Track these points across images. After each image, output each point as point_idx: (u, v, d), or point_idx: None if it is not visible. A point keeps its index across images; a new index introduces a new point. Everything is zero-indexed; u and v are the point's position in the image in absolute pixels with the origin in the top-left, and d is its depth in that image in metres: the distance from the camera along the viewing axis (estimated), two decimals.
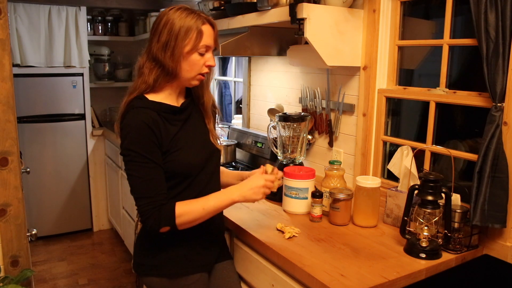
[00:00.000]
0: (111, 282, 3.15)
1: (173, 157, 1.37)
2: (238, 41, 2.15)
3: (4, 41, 1.80)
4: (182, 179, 1.40)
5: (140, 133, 1.31)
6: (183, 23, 1.33)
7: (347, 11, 1.87)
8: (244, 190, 1.41)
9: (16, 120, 1.89)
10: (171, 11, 1.36)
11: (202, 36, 1.35)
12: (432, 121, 1.74)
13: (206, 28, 1.36)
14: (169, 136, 1.37)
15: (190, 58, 1.36)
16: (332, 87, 2.16)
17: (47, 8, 3.50)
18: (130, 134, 1.32)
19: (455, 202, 1.50)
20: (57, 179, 3.81)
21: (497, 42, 1.37)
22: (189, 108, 1.48)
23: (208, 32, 1.37)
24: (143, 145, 1.31)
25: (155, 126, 1.33)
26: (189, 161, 1.40)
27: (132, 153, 1.31)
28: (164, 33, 1.34)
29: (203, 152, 1.46)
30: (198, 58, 1.37)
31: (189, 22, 1.33)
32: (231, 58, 3.40)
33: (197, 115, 1.51)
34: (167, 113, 1.39)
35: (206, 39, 1.36)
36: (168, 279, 1.46)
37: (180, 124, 1.42)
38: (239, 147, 2.75)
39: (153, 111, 1.35)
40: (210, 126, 1.53)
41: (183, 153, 1.39)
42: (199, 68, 1.39)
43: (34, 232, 2.11)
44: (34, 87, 3.59)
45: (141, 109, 1.34)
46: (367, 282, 1.23)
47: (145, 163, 1.31)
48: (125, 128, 1.33)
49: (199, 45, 1.35)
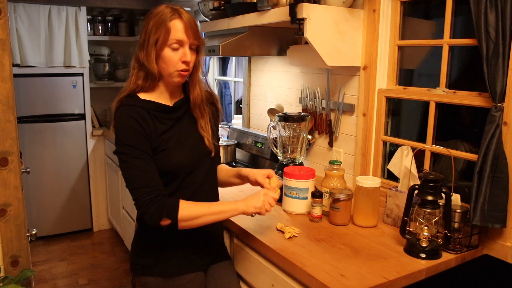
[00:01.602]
0: (111, 282, 3.15)
1: (161, 155, 1.37)
2: (238, 41, 2.15)
3: (4, 41, 1.80)
4: (170, 178, 1.39)
5: (129, 127, 1.32)
6: (154, 21, 1.34)
7: (347, 11, 1.87)
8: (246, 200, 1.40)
9: (16, 120, 1.89)
10: (153, 9, 1.37)
11: (170, 30, 1.33)
12: (432, 121, 1.74)
13: (175, 22, 1.34)
14: (157, 133, 1.37)
15: (162, 55, 1.35)
16: (332, 87, 2.16)
17: (47, 8, 3.50)
18: (120, 129, 1.34)
19: (455, 202, 1.50)
20: (57, 179, 3.81)
21: (497, 42, 1.37)
22: (183, 107, 1.46)
23: (178, 26, 1.34)
24: (133, 137, 1.32)
25: (143, 121, 1.34)
26: (178, 161, 1.39)
27: (125, 148, 1.32)
28: (142, 34, 1.37)
29: (194, 153, 1.44)
30: (172, 54, 1.35)
31: (160, 18, 1.33)
32: (231, 58, 3.40)
33: (192, 115, 1.48)
34: (158, 111, 1.39)
35: (176, 33, 1.34)
36: (162, 278, 1.46)
37: (170, 123, 1.41)
38: (239, 147, 2.75)
39: (142, 109, 1.36)
40: (204, 125, 1.48)
41: (171, 153, 1.38)
42: (174, 64, 1.36)
43: (34, 232, 2.10)
44: (34, 87, 3.59)
45: (129, 107, 1.36)
46: (367, 282, 1.23)
47: (139, 155, 1.32)
48: (115, 126, 1.35)
49: (168, 39, 1.34)
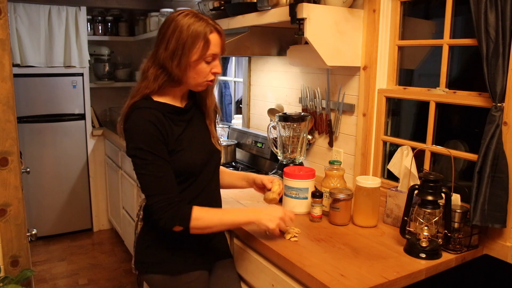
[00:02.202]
0: (111, 282, 3.15)
1: (177, 156, 1.38)
2: (238, 41, 2.15)
3: (4, 41, 1.80)
4: (184, 178, 1.42)
5: (146, 131, 1.31)
6: (191, 32, 1.31)
7: (347, 11, 1.87)
8: (262, 215, 1.42)
9: (16, 120, 1.89)
10: (179, 17, 1.34)
11: (210, 45, 1.33)
12: (432, 121, 1.74)
13: (213, 36, 1.34)
14: (174, 136, 1.38)
15: (197, 67, 1.36)
16: (332, 87, 2.16)
17: (47, 8, 3.50)
18: (136, 133, 1.32)
19: (455, 202, 1.50)
20: (57, 179, 3.81)
21: (497, 42, 1.37)
22: (192, 109, 1.50)
23: (216, 40, 1.35)
24: (151, 143, 1.31)
25: (161, 125, 1.34)
26: (193, 161, 1.42)
27: (140, 152, 1.31)
28: (172, 41, 1.32)
29: (205, 152, 1.48)
30: (205, 66, 1.37)
31: (196, 30, 1.31)
32: (231, 58, 3.40)
33: (199, 116, 1.52)
34: (172, 113, 1.40)
35: (213, 48, 1.35)
36: (168, 276, 1.47)
37: (184, 125, 1.43)
38: (239, 147, 2.75)
39: (158, 111, 1.36)
40: (211, 127, 1.54)
41: (186, 153, 1.40)
42: (205, 75, 1.39)
43: (34, 232, 2.11)
44: (34, 87, 3.59)
45: (146, 109, 1.35)
46: (367, 282, 1.23)
47: (155, 160, 1.32)
48: (130, 129, 1.34)
49: (206, 54, 1.34)
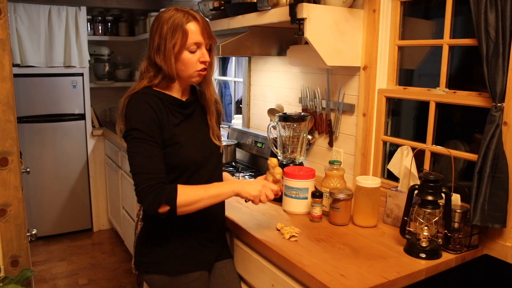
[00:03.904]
0: (111, 282, 3.15)
1: (173, 149, 1.38)
2: (238, 41, 2.15)
3: (4, 41, 1.80)
4: (179, 173, 1.41)
5: (142, 112, 1.34)
6: (170, 25, 1.35)
7: (347, 11, 1.87)
8: (245, 185, 1.41)
9: (16, 120, 1.89)
10: (161, 13, 1.39)
11: (188, 34, 1.35)
12: (432, 121, 1.74)
13: (191, 25, 1.36)
14: (169, 124, 1.38)
15: (181, 58, 1.38)
16: (332, 87, 2.16)
17: (47, 8, 3.50)
18: (135, 114, 1.34)
19: (455, 202, 1.50)
20: (57, 179, 3.80)
21: (497, 42, 1.37)
22: (194, 105, 1.50)
23: (195, 29, 1.37)
24: (145, 123, 1.33)
25: (158, 109, 1.36)
26: (189, 156, 1.42)
27: (134, 132, 1.32)
28: (156, 38, 1.37)
29: (204, 149, 1.48)
30: (190, 56, 1.38)
31: (174, 22, 1.35)
32: (231, 58, 3.40)
33: (201, 113, 1.52)
34: (171, 104, 1.42)
35: (193, 36, 1.37)
36: (168, 277, 1.47)
37: (181, 118, 1.44)
38: (239, 147, 2.75)
39: (157, 98, 1.38)
40: (212, 123, 1.54)
41: (183, 148, 1.40)
42: (193, 65, 1.40)
43: (34, 232, 2.10)
44: (34, 87, 3.59)
45: (144, 94, 1.38)
46: (367, 282, 1.23)
47: (147, 140, 1.32)
48: (128, 112, 1.36)
49: (187, 43, 1.36)
